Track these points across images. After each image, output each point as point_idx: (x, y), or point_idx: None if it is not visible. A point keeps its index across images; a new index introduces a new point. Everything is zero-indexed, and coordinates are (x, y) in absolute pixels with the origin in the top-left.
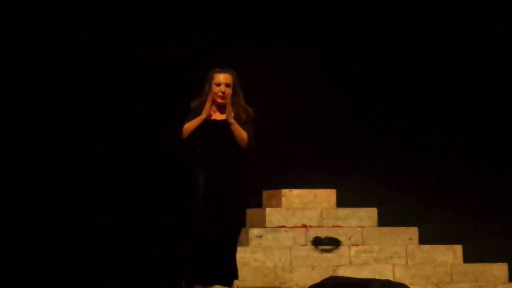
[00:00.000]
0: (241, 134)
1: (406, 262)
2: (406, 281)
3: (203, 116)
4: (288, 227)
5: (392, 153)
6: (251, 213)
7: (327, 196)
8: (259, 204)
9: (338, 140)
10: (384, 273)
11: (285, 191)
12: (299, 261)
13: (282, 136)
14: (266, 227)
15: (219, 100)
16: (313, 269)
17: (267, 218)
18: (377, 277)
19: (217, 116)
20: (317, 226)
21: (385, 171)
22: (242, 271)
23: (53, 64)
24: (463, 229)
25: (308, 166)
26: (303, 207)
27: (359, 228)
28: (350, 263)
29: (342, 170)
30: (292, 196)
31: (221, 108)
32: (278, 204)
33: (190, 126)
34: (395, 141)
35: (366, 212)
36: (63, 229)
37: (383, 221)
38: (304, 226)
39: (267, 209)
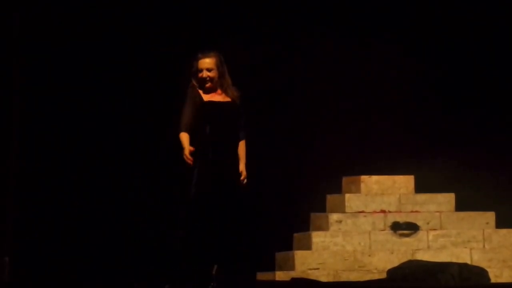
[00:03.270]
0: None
1: (483, 246)
2: (483, 265)
3: (185, 152)
4: (367, 212)
5: (468, 138)
6: (331, 198)
7: (405, 182)
8: (338, 190)
9: (415, 127)
10: (462, 256)
11: (364, 178)
12: (378, 245)
13: (361, 124)
14: (346, 212)
15: (206, 85)
16: (392, 253)
17: (346, 203)
18: (454, 260)
19: (216, 97)
20: (396, 211)
21: (462, 156)
22: (322, 255)
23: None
24: None
25: (387, 153)
26: (382, 193)
27: (437, 213)
28: (428, 247)
29: (420, 156)
30: (371, 182)
31: (211, 90)
32: (358, 190)
33: (181, 141)
34: (471, 126)
35: (444, 197)
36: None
37: (460, 206)
38: (383, 211)
39: (347, 195)
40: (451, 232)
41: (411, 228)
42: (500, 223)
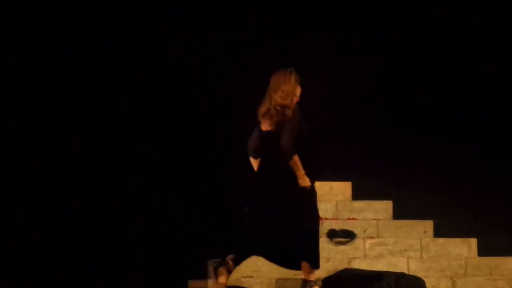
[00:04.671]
0: None
1: (421, 255)
2: (420, 274)
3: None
4: None
5: (406, 146)
6: None
7: (342, 188)
8: None
9: (353, 133)
10: (399, 266)
11: None
12: None
13: None
14: None
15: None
16: (328, 261)
17: None
18: (391, 269)
19: None
20: (332, 219)
21: (400, 164)
22: (256, 262)
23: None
24: (477, 223)
25: (324, 158)
26: (318, 199)
27: (374, 221)
28: (365, 255)
29: (357, 163)
30: None
31: None
32: None
33: (297, 165)
34: (408, 133)
35: (381, 205)
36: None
37: (398, 214)
38: (320, 218)
39: None
40: (388, 241)
41: (348, 235)
42: (438, 232)
